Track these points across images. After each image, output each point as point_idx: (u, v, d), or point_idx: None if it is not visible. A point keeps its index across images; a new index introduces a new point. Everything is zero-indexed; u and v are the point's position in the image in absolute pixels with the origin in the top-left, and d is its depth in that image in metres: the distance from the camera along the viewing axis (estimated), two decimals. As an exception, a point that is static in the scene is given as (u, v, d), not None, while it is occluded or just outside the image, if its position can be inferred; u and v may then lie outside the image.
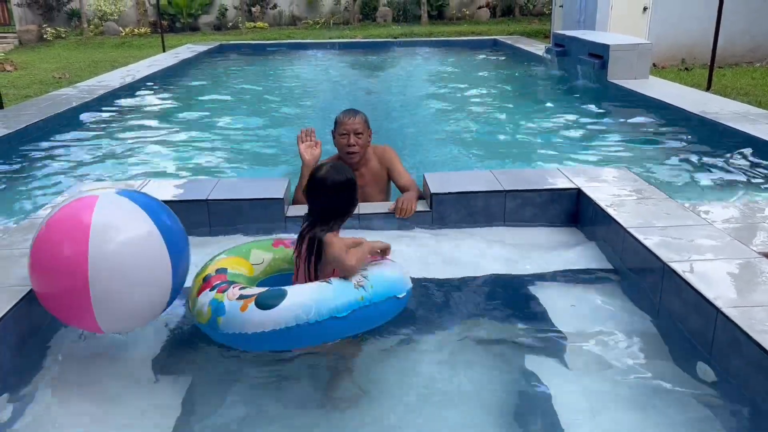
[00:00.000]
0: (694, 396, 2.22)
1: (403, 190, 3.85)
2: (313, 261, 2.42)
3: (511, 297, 2.93)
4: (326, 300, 2.20)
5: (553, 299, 2.88)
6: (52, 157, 5.78)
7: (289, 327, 2.16)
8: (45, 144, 6.13)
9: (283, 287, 2.26)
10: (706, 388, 2.23)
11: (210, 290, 2.34)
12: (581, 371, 2.39)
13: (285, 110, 8.20)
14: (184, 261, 2.48)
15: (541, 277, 3.07)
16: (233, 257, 2.62)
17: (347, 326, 2.26)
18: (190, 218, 3.53)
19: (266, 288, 2.30)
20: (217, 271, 2.48)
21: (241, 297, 2.24)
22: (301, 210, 3.63)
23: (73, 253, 2.18)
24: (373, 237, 3.48)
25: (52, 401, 2.27)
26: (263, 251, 2.71)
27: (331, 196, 2.44)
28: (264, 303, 2.19)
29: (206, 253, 3.30)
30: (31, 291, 2.50)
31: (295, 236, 2.65)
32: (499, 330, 2.69)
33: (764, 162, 4.92)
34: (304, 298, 2.20)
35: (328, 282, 2.28)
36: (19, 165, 5.52)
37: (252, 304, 2.19)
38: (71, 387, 2.35)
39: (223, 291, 2.30)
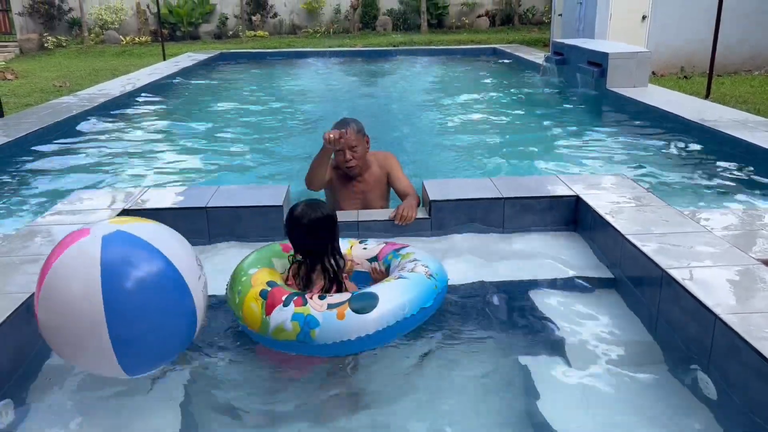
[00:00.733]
0: (692, 403, 2.22)
1: (402, 195, 3.85)
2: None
3: (510, 303, 2.93)
4: (415, 294, 2.43)
5: (551, 306, 2.88)
6: (52, 165, 5.79)
7: (390, 325, 2.35)
8: (45, 152, 6.15)
9: (367, 290, 2.41)
10: (704, 394, 2.23)
11: (284, 306, 2.32)
12: (580, 377, 2.39)
13: (285, 118, 8.22)
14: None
15: (540, 284, 3.07)
16: (266, 270, 2.60)
17: (429, 314, 2.53)
18: (189, 226, 3.54)
19: (349, 294, 2.39)
20: (269, 284, 2.45)
21: (330, 306, 2.30)
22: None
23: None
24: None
25: (49, 408, 2.27)
26: (279, 258, 2.76)
27: (310, 234, 2.51)
28: (362, 308, 2.30)
29: (205, 258, 3.30)
30: (30, 297, 2.50)
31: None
32: (497, 336, 2.69)
33: (763, 170, 4.93)
34: (395, 296, 2.39)
35: (402, 277, 2.50)
36: (19, 173, 5.53)
37: (348, 311, 2.28)
38: (69, 394, 2.34)
39: (302, 304, 2.31)
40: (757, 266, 2.63)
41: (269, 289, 2.41)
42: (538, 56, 11.98)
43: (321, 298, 2.35)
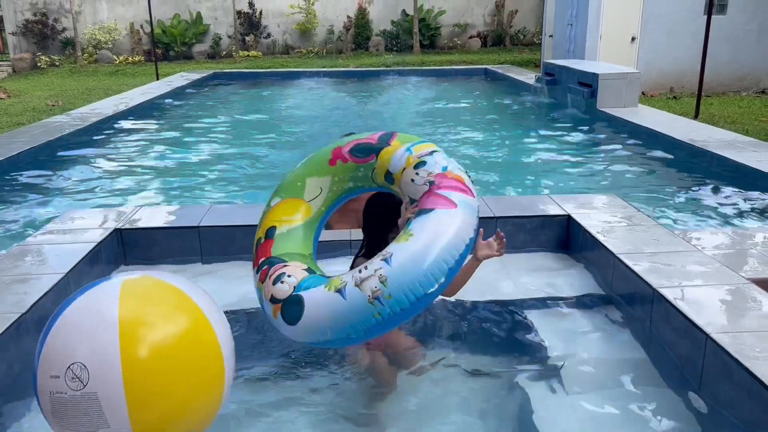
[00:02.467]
0: (685, 421, 2.22)
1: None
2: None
3: (502, 322, 2.93)
4: (340, 320, 2.01)
5: (543, 325, 2.88)
6: (44, 184, 5.78)
7: (310, 341, 2.13)
8: (37, 171, 6.13)
9: (303, 292, 2.08)
10: (697, 413, 2.23)
11: (256, 272, 2.25)
12: (573, 396, 2.38)
13: (278, 137, 8.24)
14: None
15: (532, 303, 3.07)
16: (287, 201, 2.40)
17: (359, 341, 2.15)
18: (182, 245, 3.54)
19: (295, 284, 2.12)
20: (267, 233, 2.32)
21: (272, 299, 2.12)
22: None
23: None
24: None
25: (39, 426, 2.24)
26: (319, 177, 2.42)
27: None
28: (288, 316, 2.08)
29: (197, 281, 3.30)
30: (19, 318, 2.48)
31: (352, 139, 2.44)
32: (490, 354, 2.68)
33: (752, 189, 4.97)
34: (319, 317, 2.03)
35: (342, 292, 2.01)
36: (11, 192, 5.51)
37: (279, 314, 2.10)
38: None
39: (263, 279, 2.20)
40: (748, 285, 2.65)
41: (263, 240, 2.32)
42: (529, 77, 12.08)
43: (278, 278, 2.15)
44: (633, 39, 11.59)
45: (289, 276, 2.15)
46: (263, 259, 2.26)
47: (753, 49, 11.60)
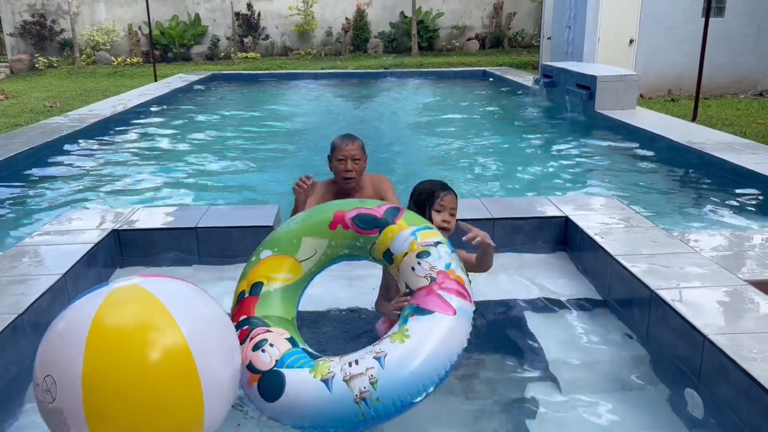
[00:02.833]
0: (683, 422, 2.22)
1: None
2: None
3: (499, 323, 2.93)
4: (321, 412, 1.92)
5: (541, 326, 2.88)
6: (41, 185, 5.77)
7: (287, 424, 2.01)
8: (35, 172, 6.13)
9: (285, 370, 1.97)
10: (694, 414, 2.23)
11: (236, 327, 2.10)
12: (571, 396, 2.38)
13: (276, 139, 8.23)
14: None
15: (530, 304, 3.07)
16: (278, 257, 2.29)
17: None
18: (179, 246, 3.53)
19: (278, 356, 2.01)
20: (252, 288, 2.22)
21: (249, 367, 2.00)
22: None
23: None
24: (362, 264, 3.50)
25: (36, 427, 2.24)
26: (316, 238, 2.32)
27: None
28: (265, 392, 1.97)
29: (195, 282, 3.29)
30: (15, 319, 2.48)
31: (356, 207, 2.38)
32: (486, 355, 2.68)
33: (749, 191, 4.98)
34: (300, 403, 1.92)
35: (329, 384, 1.92)
36: (8, 193, 5.50)
37: (255, 385, 1.99)
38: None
39: (242, 340, 2.06)
40: (745, 287, 2.65)
41: (246, 295, 2.21)
42: (527, 79, 12.10)
43: (259, 344, 2.03)
44: (631, 41, 11.60)
45: (271, 345, 2.04)
46: (245, 317, 2.15)
47: (751, 52, 11.63)
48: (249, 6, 19.57)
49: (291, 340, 2.11)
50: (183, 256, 3.54)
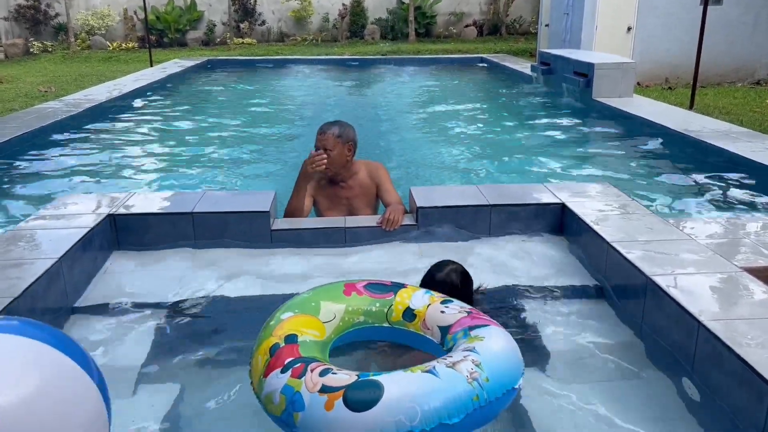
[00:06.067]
0: (676, 408, 2.23)
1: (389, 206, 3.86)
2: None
3: (495, 311, 2.94)
4: (434, 400, 1.72)
5: (537, 313, 2.89)
6: (36, 170, 5.75)
7: None
8: (29, 157, 6.10)
9: (377, 377, 1.80)
10: (688, 400, 2.25)
11: (281, 371, 1.88)
12: (566, 383, 2.39)
13: (272, 125, 8.21)
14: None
15: (526, 291, 3.08)
16: (302, 316, 2.16)
17: None
18: (175, 231, 3.53)
19: (356, 375, 1.81)
20: (286, 339, 2.02)
21: (324, 389, 1.76)
22: (288, 224, 3.64)
23: None
24: (360, 250, 3.51)
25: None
26: (333, 303, 2.26)
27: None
28: (356, 402, 1.72)
29: (190, 267, 3.29)
30: (11, 303, 2.47)
31: (363, 279, 2.41)
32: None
33: (745, 179, 4.99)
34: (407, 398, 1.72)
35: (432, 371, 1.79)
36: (3, 177, 5.48)
37: (340, 402, 1.72)
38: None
39: (299, 375, 1.84)
40: (740, 274, 2.66)
41: (282, 345, 2.00)
42: (524, 66, 12.07)
43: (326, 372, 1.83)
44: (629, 29, 11.57)
45: (340, 370, 1.85)
46: (292, 359, 1.93)
47: (748, 40, 11.61)
48: (245, -9, 19.47)
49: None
50: (179, 240, 3.53)
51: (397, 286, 2.35)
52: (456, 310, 2.19)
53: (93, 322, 2.83)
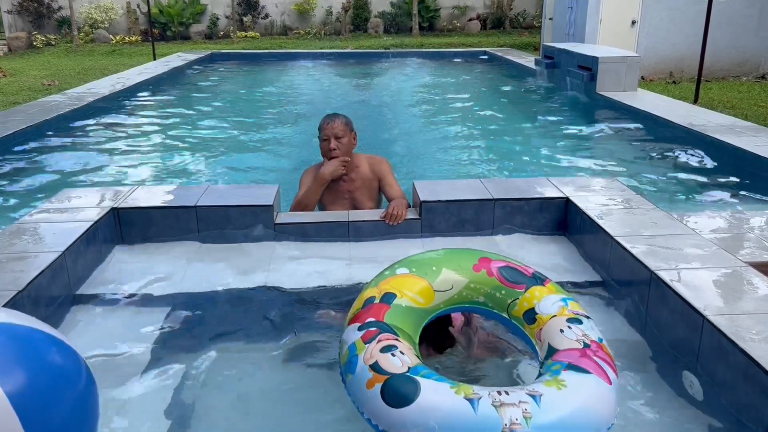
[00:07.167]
0: (680, 403, 2.23)
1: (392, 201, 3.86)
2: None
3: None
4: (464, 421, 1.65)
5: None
6: (40, 163, 5.76)
7: None
8: (33, 150, 6.11)
9: (425, 379, 1.76)
10: (692, 395, 2.24)
11: (359, 328, 1.94)
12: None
13: (275, 119, 8.20)
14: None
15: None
16: (414, 278, 2.13)
17: None
18: (178, 225, 3.53)
19: (409, 367, 1.79)
20: (383, 297, 2.04)
21: (374, 367, 1.78)
22: (291, 218, 3.64)
23: None
24: (363, 245, 3.51)
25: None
26: (457, 273, 2.18)
27: None
28: (390, 395, 1.72)
29: (193, 261, 3.29)
30: (15, 296, 2.48)
31: (504, 259, 2.30)
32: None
33: (749, 173, 4.97)
34: (433, 415, 1.67)
35: (474, 401, 1.68)
36: (6, 171, 5.49)
37: (378, 387, 1.75)
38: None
39: (368, 340, 1.87)
40: (745, 268, 2.65)
41: (377, 301, 2.03)
42: (528, 60, 12.03)
43: (389, 348, 1.84)
44: (633, 23, 11.53)
45: (402, 353, 1.84)
46: (374, 319, 1.96)
47: (753, 34, 11.55)
48: (248, -16, 19.43)
49: (419, 358, 1.93)
50: (182, 234, 3.54)
51: (535, 280, 2.21)
52: (576, 335, 2.00)
53: (96, 315, 2.84)
